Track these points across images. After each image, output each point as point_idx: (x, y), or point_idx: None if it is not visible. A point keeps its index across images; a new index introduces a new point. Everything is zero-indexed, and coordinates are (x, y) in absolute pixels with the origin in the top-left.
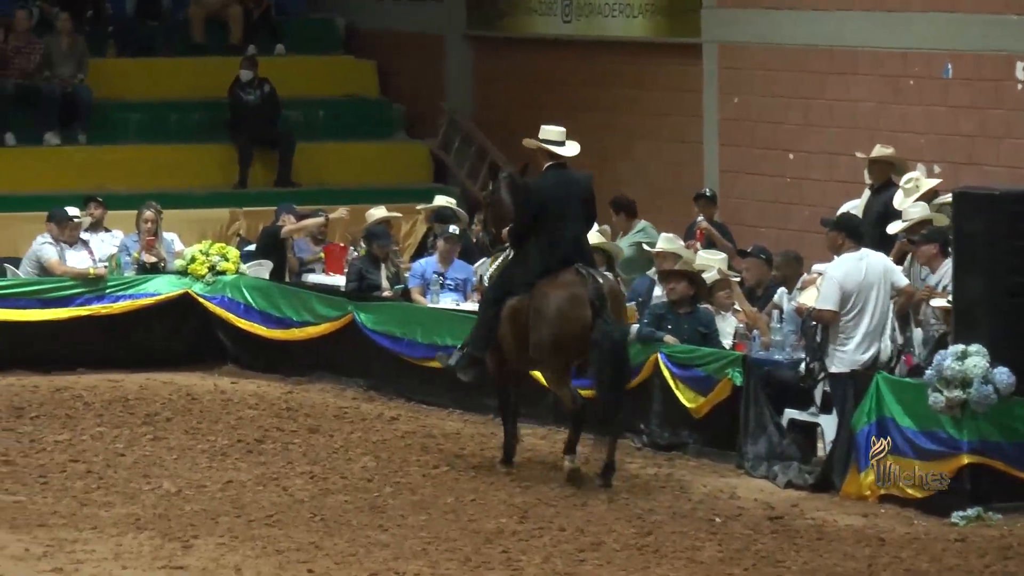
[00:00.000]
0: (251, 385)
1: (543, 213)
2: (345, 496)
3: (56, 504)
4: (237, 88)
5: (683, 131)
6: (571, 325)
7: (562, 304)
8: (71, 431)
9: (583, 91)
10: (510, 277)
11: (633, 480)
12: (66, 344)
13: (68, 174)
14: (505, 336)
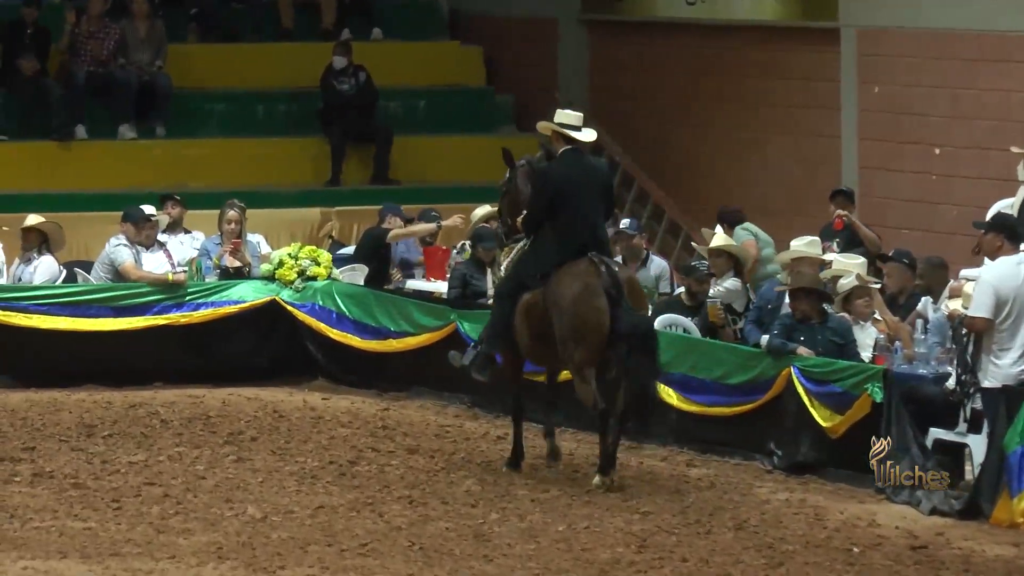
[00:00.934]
0: (344, 401)
1: (558, 199)
2: (446, 523)
3: (130, 531)
4: (330, 77)
5: (818, 124)
6: (589, 316)
7: (576, 295)
8: (147, 451)
9: (708, 80)
10: (524, 269)
11: (763, 506)
12: (142, 356)
13: (145, 170)
14: (521, 332)
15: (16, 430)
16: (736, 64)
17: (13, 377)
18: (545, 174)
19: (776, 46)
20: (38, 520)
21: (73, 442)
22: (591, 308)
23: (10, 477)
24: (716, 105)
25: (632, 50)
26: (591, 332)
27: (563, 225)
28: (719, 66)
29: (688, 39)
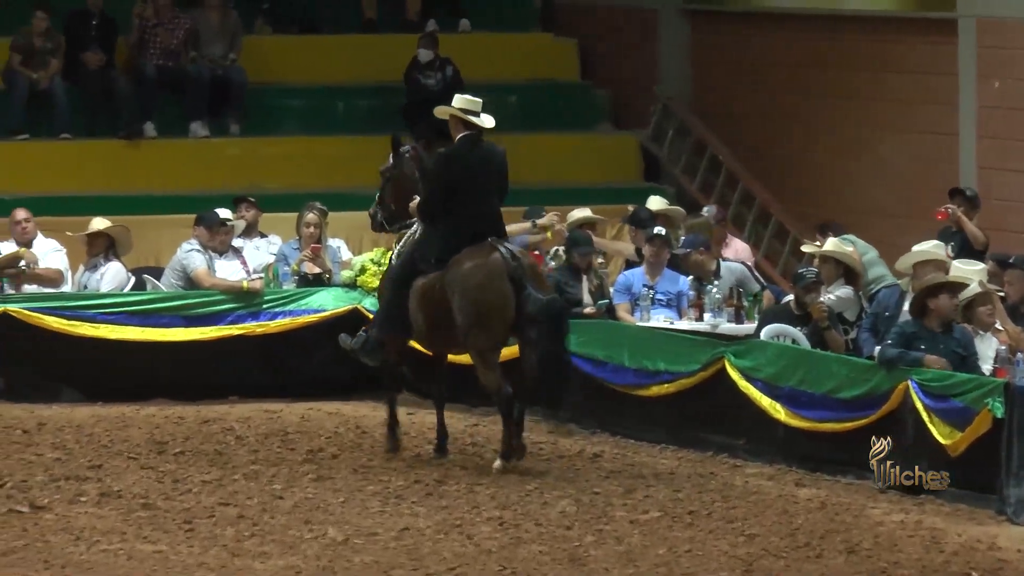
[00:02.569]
0: (431, 417)
1: (456, 185)
2: (540, 546)
3: (203, 555)
4: (415, 71)
5: (934, 122)
6: (493, 301)
7: (480, 280)
8: (221, 469)
9: (817, 75)
10: (420, 255)
11: (876, 528)
12: (215, 369)
13: (218, 170)
14: (416, 317)
15: (82, 447)
16: (846, 57)
17: (79, 391)
18: (445, 159)
19: (889, 38)
20: (105, 543)
21: (143, 460)
22: (496, 293)
23: (76, 497)
24: (825, 101)
25: (736, 42)
26: (495, 317)
27: (461, 211)
28: (828, 59)
29: (796, 31)
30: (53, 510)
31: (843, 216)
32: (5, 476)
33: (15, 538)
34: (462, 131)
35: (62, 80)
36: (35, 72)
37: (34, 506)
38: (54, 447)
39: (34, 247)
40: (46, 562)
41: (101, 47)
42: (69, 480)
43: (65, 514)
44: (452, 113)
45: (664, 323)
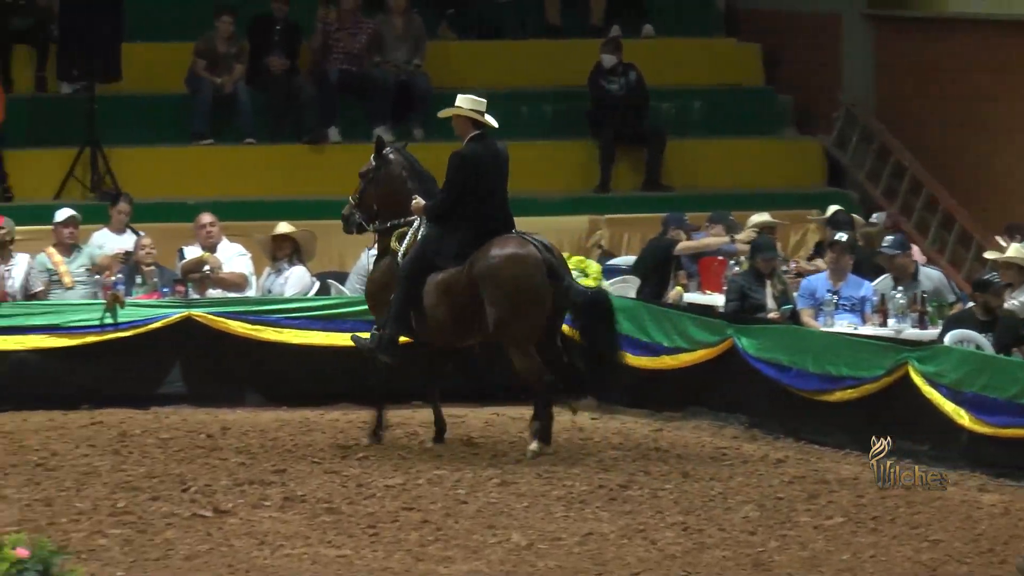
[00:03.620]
0: (614, 422)
1: (472, 182)
2: (723, 551)
3: (387, 559)
4: (599, 76)
5: None
6: (533, 292)
7: (517, 271)
8: (405, 474)
9: (1005, 81)
10: (435, 251)
11: None
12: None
13: None
14: (436, 312)
15: (266, 451)
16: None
17: (263, 395)
18: (461, 159)
19: None
20: (289, 547)
21: (326, 464)
22: (534, 284)
23: (260, 501)
24: (1010, 106)
25: (921, 48)
26: (534, 308)
27: (475, 207)
28: (1017, 66)
29: (983, 36)
30: (237, 514)
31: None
32: (189, 480)
33: (199, 542)
34: (471, 131)
35: (246, 85)
36: (219, 77)
37: (218, 510)
38: (238, 451)
39: (218, 251)
40: (230, 566)
41: (285, 52)
42: (253, 484)
43: (249, 518)
44: (462, 113)
45: (848, 328)
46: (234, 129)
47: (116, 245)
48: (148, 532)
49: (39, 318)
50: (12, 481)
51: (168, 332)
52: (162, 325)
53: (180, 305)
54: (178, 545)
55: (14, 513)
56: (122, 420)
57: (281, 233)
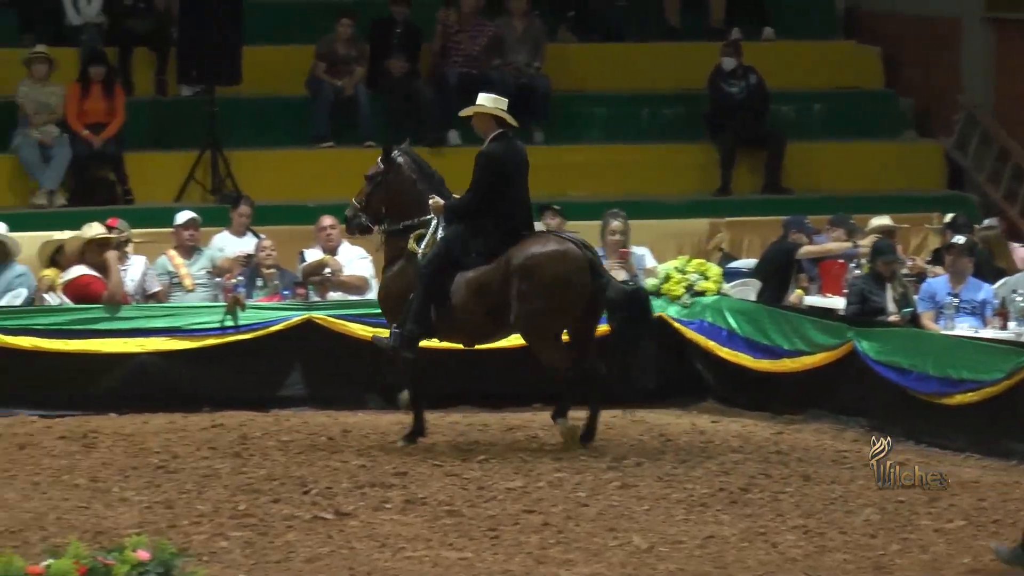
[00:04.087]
0: (735, 424)
1: (500, 181)
2: (844, 554)
3: (508, 562)
4: (718, 78)
5: None
6: (574, 287)
7: (561, 268)
8: (525, 477)
9: None
10: (460, 250)
11: None
12: (520, 377)
13: None
14: (466, 310)
15: (387, 454)
16: None
17: (384, 398)
18: (487, 158)
19: None
20: (410, 549)
21: (447, 467)
22: (578, 281)
23: (381, 504)
24: None
25: None
26: (573, 304)
27: (502, 205)
28: None
29: None
30: (358, 517)
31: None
32: (310, 483)
33: (320, 544)
34: (494, 129)
35: (366, 88)
36: (339, 80)
37: (339, 513)
38: (359, 454)
39: (339, 254)
40: (351, 569)
41: (405, 55)
42: (374, 487)
43: (370, 521)
44: (486, 112)
45: (968, 331)
46: (354, 132)
47: (237, 248)
48: (269, 534)
49: (160, 320)
50: (133, 483)
51: (289, 335)
52: (283, 328)
53: (301, 308)
54: (299, 547)
55: (135, 515)
56: (243, 423)
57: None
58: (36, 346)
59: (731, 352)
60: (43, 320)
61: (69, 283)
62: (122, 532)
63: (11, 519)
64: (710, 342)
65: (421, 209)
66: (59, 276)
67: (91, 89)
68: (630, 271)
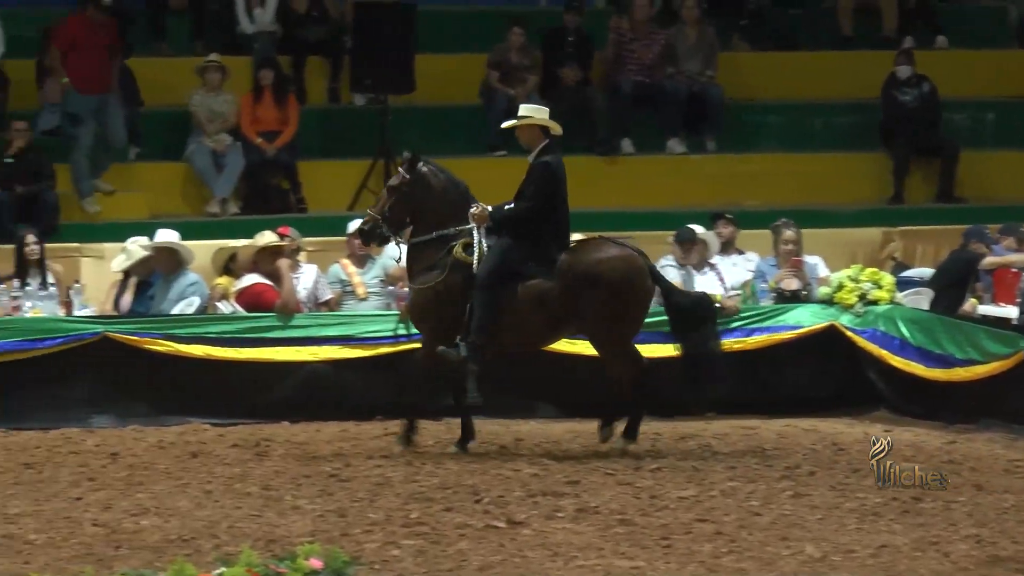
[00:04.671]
0: (907, 433)
1: (554, 191)
2: (1017, 565)
3: (680, 571)
4: (891, 87)
5: None
6: (640, 295)
7: (627, 275)
8: (698, 486)
9: None
10: (517, 259)
11: None
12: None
13: (695, 187)
14: (529, 319)
15: (559, 463)
16: None
17: (556, 407)
18: (546, 167)
19: None
20: (582, 558)
21: (619, 476)
22: (643, 289)
23: (553, 512)
24: None
25: None
26: (642, 310)
27: (554, 214)
28: None
29: None
30: (530, 525)
31: None
32: (482, 491)
33: (492, 553)
34: (541, 139)
35: (539, 96)
36: (512, 88)
37: (511, 521)
38: (531, 462)
39: None
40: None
41: (577, 63)
42: (546, 495)
43: (542, 529)
44: (535, 122)
45: None
46: None
47: None
48: (441, 543)
49: (333, 329)
50: (306, 492)
51: None
52: None
53: None
54: (471, 556)
55: (307, 524)
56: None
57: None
58: (209, 354)
59: (904, 361)
60: (216, 328)
61: (242, 291)
62: (294, 540)
63: (183, 527)
64: (883, 351)
65: (455, 218)
66: (232, 284)
67: (264, 97)
68: (803, 280)
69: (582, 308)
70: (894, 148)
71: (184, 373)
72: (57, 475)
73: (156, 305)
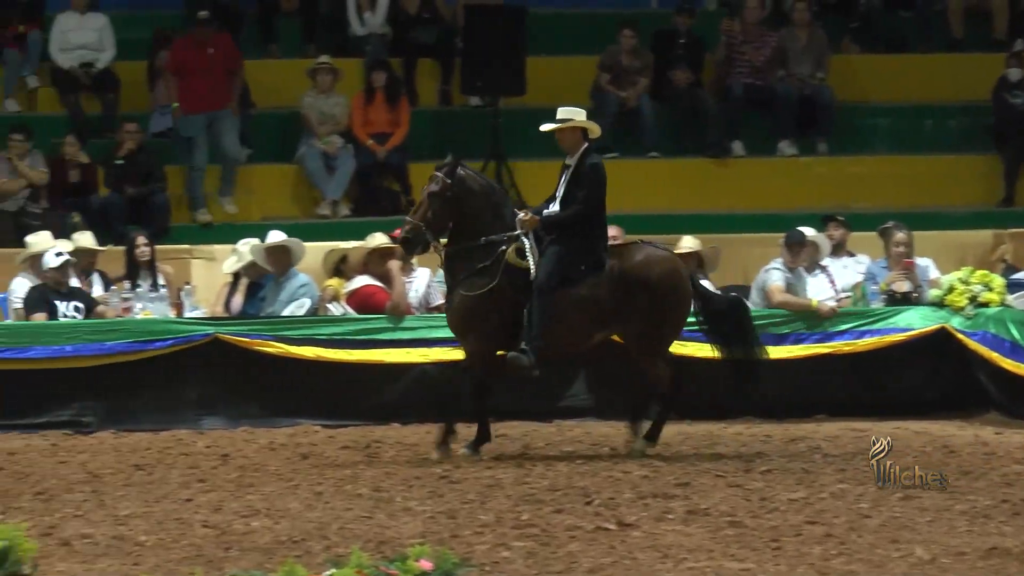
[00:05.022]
0: (1018, 436)
1: (604, 194)
2: None
3: (789, 573)
4: (1002, 89)
5: None
6: (686, 300)
7: (675, 280)
8: (808, 488)
9: None
10: (572, 262)
11: None
12: (802, 386)
13: (805, 189)
14: (582, 323)
15: (670, 465)
16: None
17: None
18: (599, 170)
19: None
20: (692, 560)
21: (729, 478)
22: (687, 293)
23: (663, 514)
24: None
25: None
26: (685, 313)
27: (602, 218)
28: None
29: None
30: (640, 527)
31: None
32: (593, 493)
33: (603, 555)
34: (582, 142)
35: (649, 99)
36: (623, 91)
37: (622, 523)
38: (641, 465)
39: None
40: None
41: (688, 65)
42: (656, 497)
43: (652, 531)
44: (576, 124)
45: None
46: (638, 142)
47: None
48: (551, 545)
49: (443, 330)
50: (416, 493)
51: None
52: None
53: None
54: (581, 558)
55: (418, 525)
56: (525, 433)
57: (686, 249)
58: (319, 356)
59: (1014, 364)
60: (326, 330)
61: (353, 293)
62: (405, 542)
63: (294, 528)
64: (993, 353)
65: (497, 223)
66: (342, 286)
67: (375, 99)
68: (914, 282)
69: (631, 310)
70: (1005, 150)
71: (295, 375)
72: (168, 476)
73: (267, 307)
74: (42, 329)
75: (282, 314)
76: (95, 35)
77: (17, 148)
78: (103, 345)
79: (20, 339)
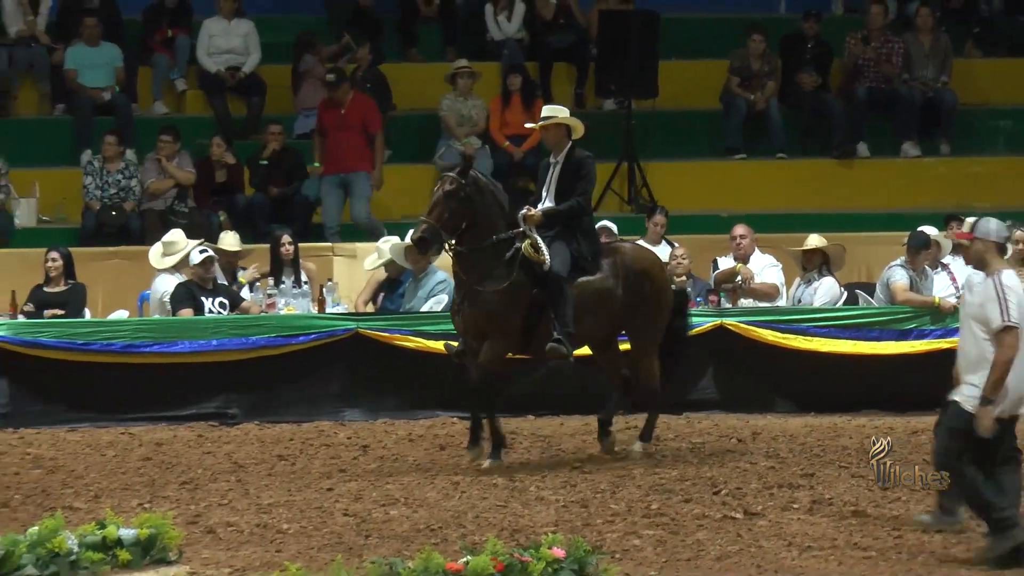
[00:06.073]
0: None
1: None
2: None
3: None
4: None
5: None
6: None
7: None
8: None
9: None
10: (579, 253)
11: None
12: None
13: (927, 189)
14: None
15: (795, 456)
16: None
17: (793, 402)
18: (593, 163)
19: None
20: (816, 548)
21: (853, 468)
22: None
23: (788, 504)
24: None
25: None
26: (669, 308)
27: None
28: None
29: None
30: (766, 516)
31: None
32: (720, 483)
33: (730, 543)
34: (567, 140)
35: (778, 101)
36: (752, 94)
37: (748, 512)
38: (767, 456)
39: (751, 262)
40: (759, 567)
41: (816, 69)
42: (782, 488)
43: (778, 520)
44: (562, 122)
45: None
46: (766, 144)
47: None
48: (680, 533)
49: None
50: (550, 483)
51: (701, 340)
52: (695, 333)
53: (713, 314)
54: (709, 546)
55: (551, 514)
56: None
57: (812, 247)
58: None
59: None
60: None
61: None
62: (538, 530)
63: (431, 517)
64: None
65: (503, 222)
66: None
67: (512, 102)
68: None
69: (639, 301)
70: None
71: (431, 368)
72: (310, 467)
73: (406, 303)
74: (189, 324)
75: (421, 310)
76: (240, 40)
77: (166, 149)
78: (247, 340)
79: (168, 334)
